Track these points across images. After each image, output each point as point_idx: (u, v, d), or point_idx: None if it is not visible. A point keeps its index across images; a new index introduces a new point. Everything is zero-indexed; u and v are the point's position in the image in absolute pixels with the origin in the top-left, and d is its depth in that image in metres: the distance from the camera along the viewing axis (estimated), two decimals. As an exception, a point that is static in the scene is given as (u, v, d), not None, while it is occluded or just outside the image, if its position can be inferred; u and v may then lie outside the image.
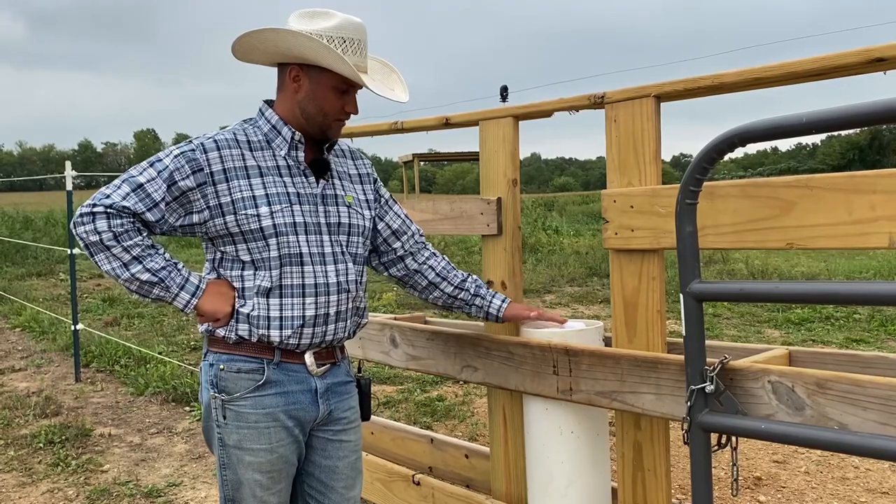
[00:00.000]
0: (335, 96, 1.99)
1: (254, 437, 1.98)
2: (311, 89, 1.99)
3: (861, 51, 1.72)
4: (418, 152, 26.05)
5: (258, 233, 1.94)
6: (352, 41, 1.97)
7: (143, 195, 1.89)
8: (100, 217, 1.87)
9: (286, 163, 2.02)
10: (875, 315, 8.28)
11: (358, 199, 2.15)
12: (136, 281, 1.92)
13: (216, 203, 1.94)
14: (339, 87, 1.98)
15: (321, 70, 1.96)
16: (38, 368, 7.09)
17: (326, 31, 1.94)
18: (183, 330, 8.56)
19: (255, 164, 1.98)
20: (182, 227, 1.97)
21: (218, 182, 1.93)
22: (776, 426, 1.69)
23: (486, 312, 2.36)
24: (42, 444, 4.86)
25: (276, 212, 1.95)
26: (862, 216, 1.68)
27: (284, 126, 2.02)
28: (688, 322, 1.74)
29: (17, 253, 15.29)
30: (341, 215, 2.07)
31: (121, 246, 1.88)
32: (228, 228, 1.95)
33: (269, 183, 1.97)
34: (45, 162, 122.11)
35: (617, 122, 2.20)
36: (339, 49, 1.94)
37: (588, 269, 12.80)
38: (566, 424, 2.31)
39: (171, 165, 1.92)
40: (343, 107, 2.01)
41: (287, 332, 1.97)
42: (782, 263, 12.42)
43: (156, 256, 1.93)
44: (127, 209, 1.88)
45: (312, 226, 2.00)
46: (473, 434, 4.92)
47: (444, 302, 2.36)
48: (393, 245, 2.28)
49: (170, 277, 1.94)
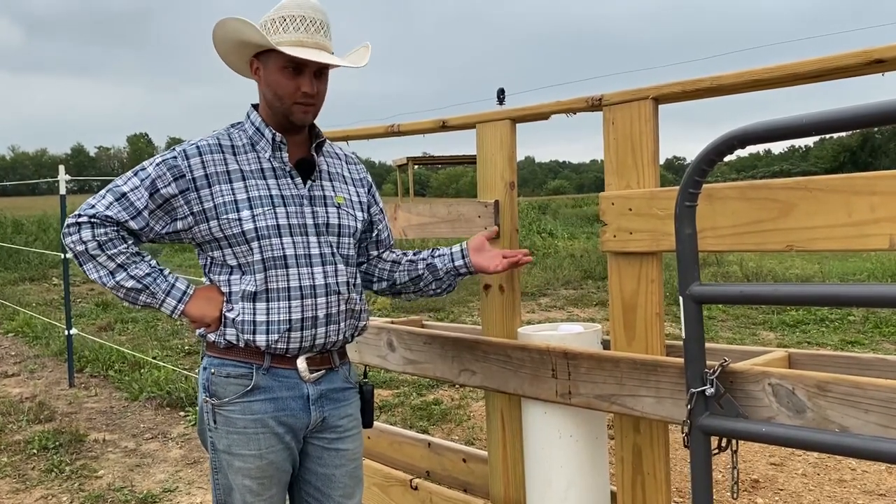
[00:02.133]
0: (286, 78, 1.94)
1: (243, 443, 1.96)
2: (266, 76, 1.98)
3: (861, 52, 1.72)
4: (413, 156, 26.03)
5: (241, 237, 1.93)
6: (293, 18, 1.92)
7: (126, 204, 1.91)
8: (85, 227, 1.90)
9: (271, 164, 2.01)
10: (869, 317, 8.31)
11: (350, 200, 2.12)
12: (122, 288, 1.94)
13: (199, 209, 1.94)
14: (287, 66, 1.93)
15: (270, 54, 1.94)
16: (31, 374, 7.05)
17: (269, 15, 1.94)
18: (177, 334, 8.53)
19: (237, 168, 1.97)
20: (168, 233, 1.97)
21: (200, 188, 1.93)
22: (777, 429, 1.68)
23: (450, 258, 2.23)
24: (36, 449, 4.83)
25: (259, 215, 1.93)
26: (862, 218, 1.68)
27: (266, 127, 2.01)
28: (687, 324, 1.74)
29: (10, 258, 15.23)
30: (330, 216, 2.05)
31: (105, 254, 1.91)
32: (213, 233, 1.95)
33: (252, 186, 1.96)
34: (38, 166, 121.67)
35: (615, 125, 2.20)
36: (281, 27, 1.91)
37: (583, 272, 12.82)
38: (565, 428, 2.30)
39: (154, 173, 1.93)
40: (298, 87, 1.94)
41: (273, 336, 1.95)
42: (776, 266, 12.46)
43: (140, 264, 1.95)
44: (110, 218, 1.90)
45: (298, 227, 1.98)
46: (470, 438, 4.91)
47: (409, 273, 2.25)
48: (371, 251, 2.28)
49: (154, 284, 1.95)
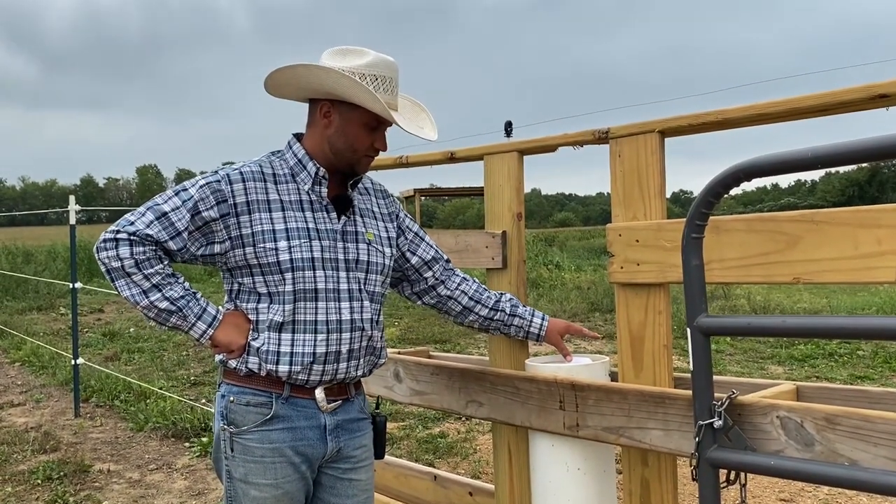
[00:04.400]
0: (365, 133, 2.01)
1: (259, 472, 1.96)
2: (342, 125, 2.01)
3: (864, 87, 1.74)
4: (420, 187, 26.15)
5: (275, 266, 1.94)
6: (384, 79, 1.99)
7: (166, 224, 1.90)
8: (123, 243, 1.88)
9: (309, 197, 2.03)
10: (879, 352, 8.24)
11: (379, 237, 2.15)
12: (155, 308, 1.92)
13: (237, 234, 1.95)
14: (370, 123, 2.00)
15: (352, 106, 1.98)
16: (37, 403, 7.04)
17: (359, 69, 1.96)
18: (183, 365, 8.52)
19: (277, 199, 1.99)
20: (203, 256, 1.97)
21: (241, 213, 1.95)
22: (786, 462, 1.67)
23: (526, 332, 2.38)
24: (40, 479, 4.81)
25: (295, 246, 1.95)
26: (868, 250, 1.69)
27: (310, 161, 2.04)
28: (695, 356, 1.73)
29: (18, 287, 15.27)
30: (360, 252, 2.07)
31: (142, 273, 1.89)
32: (247, 260, 1.96)
33: (290, 217, 1.98)
34: (47, 197, 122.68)
35: (621, 157, 2.22)
36: (371, 86, 1.96)
37: (590, 304, 12.77)
38: (573, 461, 2.28)
39: (196, 195, 1.93)
40: (373, 143, 2.04)
41: (297, 367, 1.96)
42: (784, 299, 12.39)
43: (175, 285, 1.93)
44: (150, 237, 1.89)
45: (330, 262, 2.00)
46: (476, 471, 4.87)
47: (480, 325, 2.37)
48: (425, 275, 2.30)
49: (188, 307, 1.94)
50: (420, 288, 2.32)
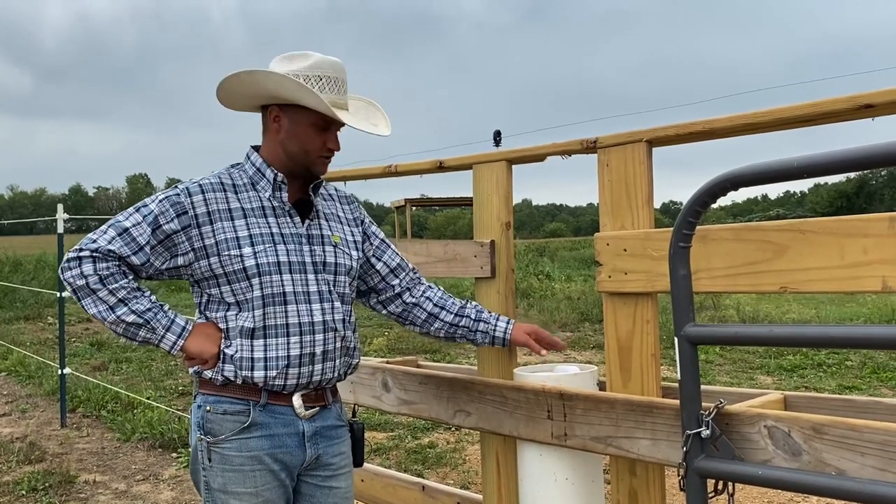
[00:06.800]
0: (315, 133, 2.02)
1: (239, 481, 1.95)
2: (291, 128, 2.02)
3: (850, 97, 1.75)
4: (410, 197, 26.18)
5: (241, 273, 1.95)
6: (328, 79, 2.00)
7: (128, 239, 1.92)
8: (86, 261, 1.90)
9: (270, 203, 2.04)
10: (867, 362, 8.28)
11: (345, 240, 2.16)
12: (123, 323, 1.92)
13: (200, 245, 1.95)
14: (318, 123, 2.01)
15: (299, 108, 1.99)
16: (23, 413, 6.98)
17: (303, 71, 1.98)
18: (171, 375, 8.47)
19: (238, 206, 2.00)
20: (168, 269, 1.98)
21: (202, 224, 1.95)
22: (773, 472, 1.66)
23: (492, 337, 2.33)
24: (25, 490, 4.76)
25: (260, 251, 1.96)
26: (854, 260, 1.69)
27: (268, 168, 2.05)
28: (682, 366, 1.73)
29: (6, 296, 15.18)
30: (327, 254, 2.08)
31: (107, 289, 1.90)
32: (213, 270, 1.96)
33: (253, 224, 1.99)
34: (36, 206, 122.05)
35: (609, 167, 2.22)
36: (316, 87, 1.97)
37: (580, 314, 12.78)
38: (561, 471, 2.27)
39: (156, 210, 1.94)
40: (325, 143, 2.04)
41: (272, 372, 1.95)
42: (773, 310, 12.44)
43: (141, 299, 1.94)
44: (112, 252, 1.90)
45: (297, 265, 2.00)
46: (466, 482, 4.85)
47: (446, 332, 2.34)
48: (391, 282, 2.29)
49: (155, 319, 1.94)
50: (386, 296, 2.30)
